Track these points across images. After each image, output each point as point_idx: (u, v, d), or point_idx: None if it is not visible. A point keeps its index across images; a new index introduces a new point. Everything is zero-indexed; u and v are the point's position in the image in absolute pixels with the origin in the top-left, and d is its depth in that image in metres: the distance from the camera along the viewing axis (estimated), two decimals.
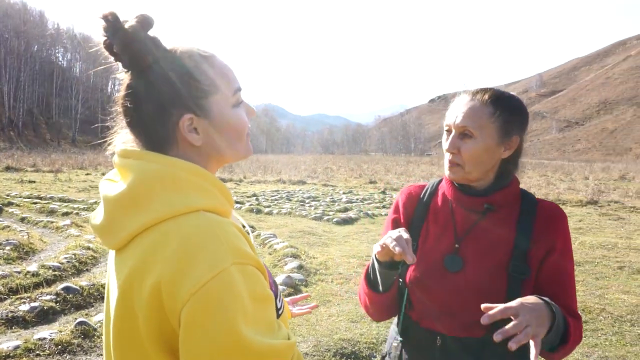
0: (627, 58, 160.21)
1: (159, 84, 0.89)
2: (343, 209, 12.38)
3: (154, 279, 0.80)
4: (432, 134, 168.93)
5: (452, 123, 1.38)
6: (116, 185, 0.91)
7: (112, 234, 0.88)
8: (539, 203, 1.41)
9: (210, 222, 0.84)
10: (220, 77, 0.95)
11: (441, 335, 1.37)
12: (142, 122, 0.92)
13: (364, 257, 7.13)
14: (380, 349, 3.98)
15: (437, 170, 32.41)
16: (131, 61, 0.89)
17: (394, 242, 1.19)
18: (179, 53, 0.93)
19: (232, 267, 0.80)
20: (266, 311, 0.85)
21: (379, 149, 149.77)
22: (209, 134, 0.93)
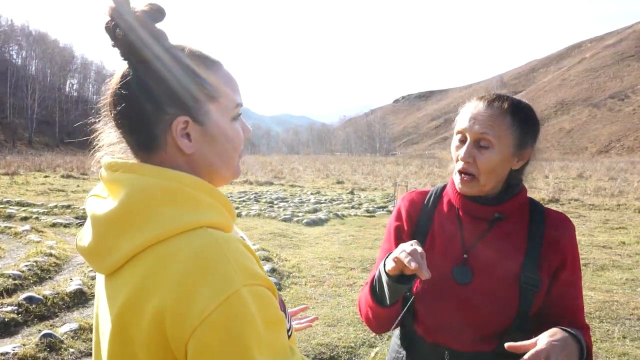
0: (582, 60, 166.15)
1: (158, 78, 0.81)
2: (312, 210, 12.33)
3: (155, 306, 0.71)
4: (396, 134, 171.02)
5: (469, 129, 1.31)
6: (105, 202, 0.81)
7: (102, 257, 0.79)
8: (547, 212, 1.37)
9: (216, 239, 0.76)
10: (224, 86, 0.87)
11: (449, 350, 1.31)
12: (131, 118, 0.82)
13: (336, 258, 7.10)
14: (359, 353, 3.94)
15: (403, 170, 32.79)
16: (132, 49, 0.80)
17: (409, 256, 1.11)
18: (187, 51, 0.85)
19: (242, 290, 0.72)
20: (279, 335, 0.77)
21: (345, 149, 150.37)
22: (202, 142, 0.85)
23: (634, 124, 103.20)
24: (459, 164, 1.33)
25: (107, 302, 0.79)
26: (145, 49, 0.80)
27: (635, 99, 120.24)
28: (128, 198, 0.77)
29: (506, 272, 1.30)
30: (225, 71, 0.89)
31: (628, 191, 17.27)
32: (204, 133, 0.85)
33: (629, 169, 32.95)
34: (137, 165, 0.81)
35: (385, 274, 1.23)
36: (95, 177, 21.00)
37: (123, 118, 0.83)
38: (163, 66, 0.81)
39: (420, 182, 22.38)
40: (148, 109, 0.81)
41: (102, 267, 0.80)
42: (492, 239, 1.34)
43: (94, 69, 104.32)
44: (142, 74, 0.81)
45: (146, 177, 0.79)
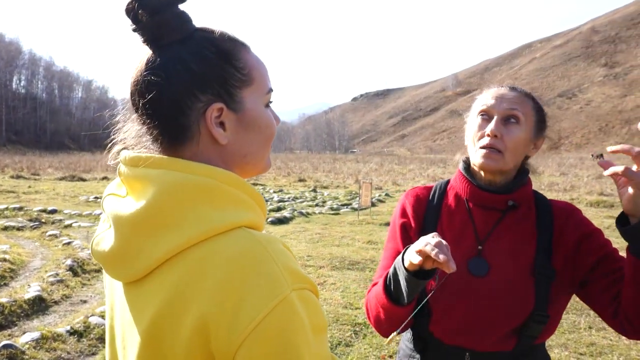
0: (532, 60, 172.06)
1: (189, 62, 0.73)
2: (276, 209, 12.23)
3: (195, 316, 0.64)
4: (355, 132, 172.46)
5: (497, 106, 1.31)
6: (127, 201, 0.73)
7: (129, 263, 0.70)
8: (552, 203, 1.37)
9: (258, 239, 0.69)
10: (256, 70, 0.80)
11: (470, 351, 1.27)
12: (162, 107, 0.74)
13: (304, 257, 7.05)
14: (336, 353, 3.91)
15: (364, 167, 33.06)
16: (158, 32, 0.73)
17: (436, 248, 1.06)
18: (217, 33, 0.77)
19: (292, 295, 0.66)
20: (325, 343, 0.72)
21: (304, 147, 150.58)
22: (237, 132, 0.77)
23: (581, 121, 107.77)
24: (484, 140, 1.30)
25: (133, 313, 0.71)
26: (172, 32, 0.73)
27: (582, 97, 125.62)
28: (158, 196, 0.69)
29: (519, 262, 1.28)
30: (254, 54, 0.82)
31: (579, 186, 18.02)
32: (240, 121, 0.77)
33: (578, 164, 34.38)
34: (166, 160, 0.72)
35: (404, 269, 1.17)
36: (47, 177, 20.18)
37: (152, 107, 0.74)
38: (193, 49, 0.74)
39: (382, 179, 22.60)
40: (179, 96, 0.73)
41: (127, 274, 0.71)
42: (505, 228, 1.32)
43: (42, 65, 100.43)
44: (171, 58, 0.73)
45: (177, 172, 0.71)
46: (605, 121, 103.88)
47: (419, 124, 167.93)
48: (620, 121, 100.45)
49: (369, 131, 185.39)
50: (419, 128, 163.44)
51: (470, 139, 1.36)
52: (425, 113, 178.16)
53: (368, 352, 3.94)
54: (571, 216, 1.33)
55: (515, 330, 1.25)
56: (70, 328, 4.13)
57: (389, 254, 1.41)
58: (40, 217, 9.87)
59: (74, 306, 4.98)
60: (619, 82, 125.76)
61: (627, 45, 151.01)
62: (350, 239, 8.65)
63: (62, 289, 5.33)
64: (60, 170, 23.07)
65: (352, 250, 7.66)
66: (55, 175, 20.95)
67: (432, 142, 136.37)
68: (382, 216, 11.22)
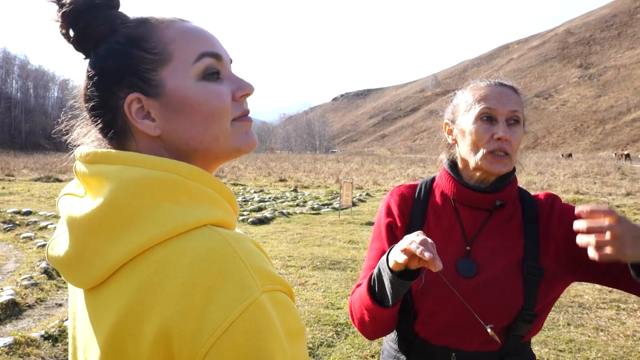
0: (510, 61, 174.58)
1: (101, 61, 0.71)
2: (257, 209, 12.15)
3: (157, 324, 0.59)
4: (336, 132, 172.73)
5: (501, 108, 1.27)
6: (84, 201, 0.67)
7: (84, 268, 0.64)
8: (535, 198, 1.36)
9: (225, 238, 0.63)
10: (175, 42, 0.71)
11: (457, 351, 1.25)
12: (95, 114, 0.72)
13: (286, 257, 7.00)
14: (318, 354, 3.88)
15: (344, 167, 33.13)
16: (81, 42, 0.72)
17: (421, 247, 1.03)
18: (131, 21, 0.73)
19: (262, 297, 0.60)
20: (302, 348, 0.66)
21: (285, 147, 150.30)
22: (168, 118, 0.70)
23: (557, 121, 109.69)
24: (493, 143, 1.26)
25: (92, 323, 0.66)
26: (87, 39, 0.72)
27: (558, 97, 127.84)
28: (115, 194, 0.63)
29: (508, 262, 1.26)
30: (181, 25, 0.73)
31: (556, 184, 18.33)
32: (166, 106, 0.70)
33: (554, 163, 35.03)
34: (124, 155, 0.67)
35: (389, 270, 1.14)
36: (22, 178, 19.75)
37: (89, 111, 0.73)
38: (105, 47, 0.71)
39: (362, 179, 22.67)
40: (103, 98, 0.71)
41: (83, 280, 0.65)
42: (493, 228, 1.30)
43: (17, 64, 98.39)
44: (91, 63, 0.72)
45: (136, 167, 0.65)
46: (580, 121, 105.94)
47: (399, 124, 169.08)
48: (594, 121, 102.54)
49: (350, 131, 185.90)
50: (399, 128, 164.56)
51: (470, 141, 1.29)
52: (405, 113, 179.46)
53: (350, 352, 3.91)
54: (552, 208, 1.31)
55: (503, 330, 1.24)
56: (44, 333, 4.01)
57: (374, 255, 1.38)
58: (15, 219, 9.63)
59: (49, 310, 4.85)
60: (593, 83, 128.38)
61: (601, 47, 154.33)
62: (331, 238, 8.63)
63: (36, 292, 5.19)
64: (35, 171, 22.59)
65: (334, 250, 7.64)
66: (30, 176, 20.49)
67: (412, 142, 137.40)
68: (363, 216, 11.23)
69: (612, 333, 4.30)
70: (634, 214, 11.31)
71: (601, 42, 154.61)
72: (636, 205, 12.53)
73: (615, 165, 30.75)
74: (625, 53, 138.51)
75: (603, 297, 5.22)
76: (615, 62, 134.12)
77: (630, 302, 5.05)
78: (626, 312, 4.81)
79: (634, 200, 13.58)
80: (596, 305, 4.98)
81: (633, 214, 11.22)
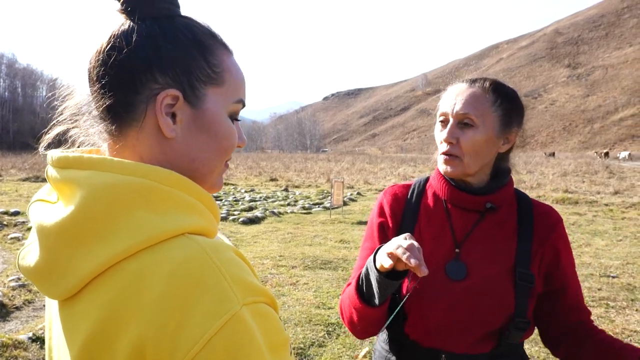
0: (499, 60, 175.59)
1: (158, 39, 0.67)
2: (248, 208, 12.10)
3: (131, 339, 0.56)
4: (327, 131, 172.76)
5: (450, 111, 1.27)
6: (54, 208, 0.65)
7: (55, 280, 0.61)
8: (534, 205, 1.35)
9: (203, 248, 0.60)
10: (230, 74, 0.73)
11: (447, 353, 1.24)
12: (112, 77, 0.66)
13: (277, 257, 6.98)
14: (309, 354, 3.87)
15: (335, 166, 33.13)
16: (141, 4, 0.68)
17: (407, 252, 1.03)
18: (200, 25, 0.72)
19: (242, 310, 0.58)
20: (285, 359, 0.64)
21: (275, 146, 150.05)
22: (189, 129, 0.69)
23: (546, 120, 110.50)
24: (442, 146, 1.28)
25: (65, 335, 0.63)
26: (152, 6, 0.68)
27: (547, 97, 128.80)
28: (87, 201, 0.60)
29: (500, 267, 1.26)
30: (235, 61, 0.75)
31: (545, 183, 18.44)
32: (195, 118, 0.69)
33: (543, 162, 35.28)
34: (95, 159, 0.63)
35: (376, 270, 1.14)
36: (10, 178, 19.53)
37: (104, 70, 0.67)
38: (167, 29, 0.68)
39: (353, 178, 22.68)
40: (136, 69, 0.66)
41: (55, 292, 0.62)
42: (484, 231, 1.29)
43: (5, 62, 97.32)
44: (142, 30, 0.67)
45: (108, 173, 0.62)
46: (569, 120, 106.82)
47: (390, 123, 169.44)
48: (583, 120, 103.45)
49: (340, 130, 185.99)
50: (389, 127, 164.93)
51: (437, 140, 1.33)
52: (396, 112, 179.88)
53: (341, 352, 3.91)
54: (554, 227, 1.31)
55: (494, 333, 1.23)
56: (32, 335, 3.97)
57: (365, 254, 1.37)
58: (2, 220, 9.50)
59: (37, 312, 4.80)
60: (581, 83, 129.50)
61: (589, 46, 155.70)
62: (322, 238, 8.62)
63: (24, 294, 5.13)
64: (23, 171, 22.33)
65: (325, 249, 7.63)
66: (18, 176, 20.26)
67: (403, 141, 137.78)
68: (354, 215, 11.24)
69: None
70: (621, 212, 11.43)
71: (589, 42, 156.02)
72: (624, 203, 12.65)
73: (603, 164, 31.05)
74: (612, 53, 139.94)
75: (592, 295, 5.26)
76: (603, 62, 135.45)
77: (619, 300, 5.09)
78: (615, 310, 4.85)
79: (621, 199, 13.72)
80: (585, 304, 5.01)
81: (621, 213, 11.33)
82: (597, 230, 9.22)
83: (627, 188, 16.35)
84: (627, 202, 12.90)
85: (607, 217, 10.74)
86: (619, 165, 32.25)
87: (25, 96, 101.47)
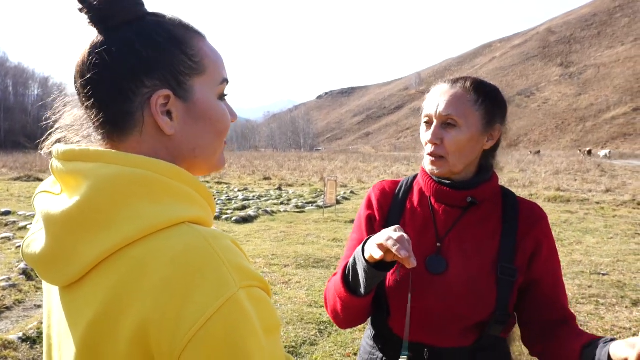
0: (492, 59, 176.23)
1: (136, 45, 0.69)
2: (241, 207, 12.09)
3: (134, 320, 0.59)
4: (320, 130, 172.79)
5: (434, 113, 1.29)
6: (61, 199, 0.68)
7: (61, 266, 0.65)
8: (519, 201, 1.36)
9: (203, 235, 0.64)
10: (209, 59, 0.76)
11: (429, 347, 1.26)
12: (102, 91, 0.69)
13: (269, 256, 6.98)
14: (301, 352, 3.87)
15: (329, 165, 33.15)
16: (107, 12, 0.69)
17: (398, 244, 1.03)
18: (169, 19, 0.74)
19: (239, 293, 0.61)
20: (278, 344, 0.68)
21: (269, 145, 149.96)
22: (185, 122, 0.73)
23: (538, 119, 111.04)
24: (428, 147, 1.31)
25: (68, 320, 0.66)
26: (120, 12, 0.69)
27: (540, 96, 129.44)
28: (92, 191, 0.64)
29: (482, 261, 1.27)
30: (210, 44, 0.78)
31: (537, 181, 18.55)
32: (188, 111, 0.73)
33: (536, 161, 35.46)
34: (101, 152, 0.67)
35: (364, 260, 1.15)
36: (1, 177, 19.38)
37: (94, 90, 0.70)
38: (141, 32, 0.70)
39: (347, 177, 22.70)
40: (123, 79, 0.69)
41: (60, 278, 0.66)
42: (466, 226, 1.31)
43: None
44: (117, 40, 0.69)
45: (112, 165, 0.66)
46: (561, 119, 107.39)
47: (383, 122, 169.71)
48: (575, 119, 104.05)
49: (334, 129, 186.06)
50: (383, 126, 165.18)
51: (422, 141, 1.35)
52: (390, 111, 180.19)
53: (333, 350, 3.92)
54: (537, 223, 1.32)
55: (475, 327, 1.25)
56: (22, 335, 3.95)
57: (352, 245, 1.39)
58: None
59: (27, 312, 4.77)
60: (574, 81, 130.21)
61: (581, 45, 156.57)
62: (315, 236, 8.63)
63: (14, 293, 5.10)
64: (15, 170, 22.18)
65: (317, 248, 7.64)
66: (9, 176, 20.12)
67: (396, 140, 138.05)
68: (347, 214, 11.24)
69: (590, 328, 4.37)
70: (612, 210, 11.51)
71: (581, 41, 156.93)
72: (615, 201, 12.75)
73: (595, 163, 31.27)
74: (604, 52, 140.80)
75: (582, 292, 5.30)
76: (595, 60, 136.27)
77: (609, 297, 5.13)
78: (605, 307, 4.88)
79: (613, 197, 13.82)
80: (575, 301, 5.05)
81: (612, 211, 11.42)
82: (588, 228, 9.29)
83: (619, 186, 16.47)
84: (619, 200, 13.00)
85: (598, 215, 10.82)
86: (610, 163, 32.48)
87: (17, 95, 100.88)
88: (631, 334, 4.23)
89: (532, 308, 1.29)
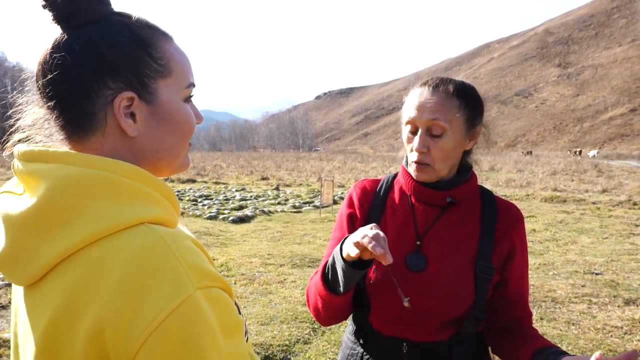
0: (490, 60, 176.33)
1: (100, 45, 0.69)
2: (238, 207, 12.10)
3: (91, 321, 0.60)
4: (319, 130, 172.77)
5: (418, 119, 1.28)
6: (21, 199, 0.68)
7: (21, 266, 0.65)
8: (497, 201, 1.38)
9: (161, 236, 0.65)
10: (176, 61, 0.76)
11: (407, 341, 1.29)
12: (64, 91, 0.69)
13: (265, 255, 6.99)
14: (294, 351, 3.90)
15: (327, 165, 33.15)
16: (71, 10, 0.69)
17: (373, 241, 1.05)
18: (135, 19, 0.74)
19: (196, 293, 0.62)
20: (239, 343, 0.68)
21: (268, 145, 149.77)
22: (149, 124, 0.73)
23: (536, 119, 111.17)
24: (413, 154, 1.30)
25: (29, 319, 0.66)
26: (84, 12, 0.69)
27: (538, 96, 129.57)
28: (50, 192, 0.64)
29: (461, 260, 1.29)
30: (177, 46, 0.78)
31: (534, 182, 18.59)
32: (152, 113, 0.73)
33: (533, 161, 35.52)
34: (60, 153, 0.67)
35: (342, 259, 1.17)
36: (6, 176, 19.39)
37: (55, 90, 0.69)
38: (105, 32, 0.70)
39: (344, 177, 22.72)
40: (85, 80, 0.68)
41: (20, 278, 0.67)
42: (445, 225, 1.33)
43: None
44: (79, 39, 0.69)
45: (71, 166, 0.66)
46: (559, 119, 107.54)
47: (382, 122, 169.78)
48: (573, 119, 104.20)
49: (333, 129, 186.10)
50: (381, 126, 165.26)
51: (406, 146, 1.35)
52: (388, 111, 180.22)
53: (326, 348, 3.94)
54: (515, 224, 1.34)
55: (453, 322, 1.27)
56: None
57: (333, 243, 1.41)
58: None
59: None
60: (571, 82, 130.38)
61: (579, 46, 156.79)
62: (311, 236, 8.65)
63: (9, 293, 5.11)
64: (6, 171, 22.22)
65: (313, 247, 7.66)
66: (8, 175, 20.15)
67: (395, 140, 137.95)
68: None
69: (583, 327, 4.40)
70: (608, 210, 11.55)
71: (579, 42, 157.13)
72: (611, 202, 12.79)
73: (592, 163, 31.34)
74: (602, 53, 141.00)
75: (575, 291, 5.33)
76: (592, 61, 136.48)
77: (601, 297, 5.16)
78: (597, 306, 4.91)
79: (609, 197, 13.86)
80: (569, 300, 5.08)
81: (608, 211, 11.45)
82: (584, 228, 9.32)
83: (615, 187, 16.52)
84: (615, 200, 13.04)
85: (594, 215, 10.85)
86: (607, 164, 32.55)
87: None
88: (622, 333, 4.26)
89: (497, 305, 1.33)
